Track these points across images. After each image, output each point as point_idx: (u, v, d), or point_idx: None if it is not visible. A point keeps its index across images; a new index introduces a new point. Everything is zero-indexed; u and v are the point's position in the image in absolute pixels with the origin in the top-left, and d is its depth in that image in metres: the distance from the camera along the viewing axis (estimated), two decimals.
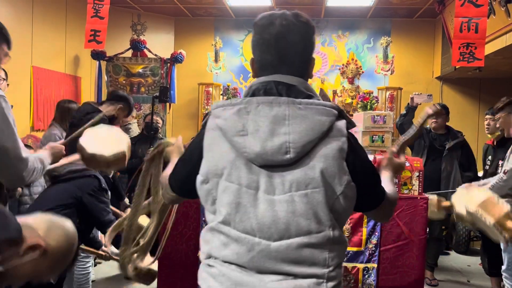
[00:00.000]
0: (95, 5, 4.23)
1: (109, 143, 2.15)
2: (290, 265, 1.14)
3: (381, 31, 6.24)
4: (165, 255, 2.88)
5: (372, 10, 5.90)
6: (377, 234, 2.78)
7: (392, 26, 6.29)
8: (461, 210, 2.17)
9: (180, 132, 6.44)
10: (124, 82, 5.77)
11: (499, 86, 5.81)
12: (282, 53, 1.22)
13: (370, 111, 5.00)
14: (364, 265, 2.80)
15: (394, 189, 1.42)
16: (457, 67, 4.84)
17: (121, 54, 5.76)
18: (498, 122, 3.39)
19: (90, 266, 3.20)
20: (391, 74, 6.10)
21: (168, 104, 5.75)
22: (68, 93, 5.20)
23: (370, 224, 2.79)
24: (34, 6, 4.60)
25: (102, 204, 2.52)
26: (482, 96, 6.06)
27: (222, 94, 6.18)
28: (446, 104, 4.35)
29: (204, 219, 2.65)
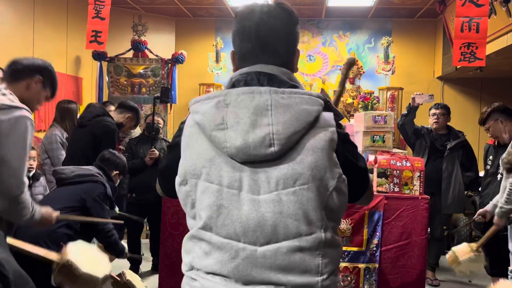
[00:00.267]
0: (96, 5, 4.23)
1: (98, 264, 2.12)
2: (279, 273, 1.03)
3: (382, 31, 6.24)
4: (166, 255, 2.88)
5: (373, 10, 5.90)
6: (378, 234, 2.78)
7: (393, 26, 6.29)
8: None
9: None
10: (125, 82, 5.77)
11: (500, 86, 5.81)
12: (263, 41, 1.14)
13: (371, 111, 4.99)
14: (365, 265, 2.80)
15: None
16: (458, 67, 4.84)
17: (122, 54, 5.76)
18: (489, 132, 3.42)
19: None
20: (392, 74, 6.10)
21: (169, 104, 5.75)
22: (69, 93, 5.21)
23: (371, 224, 2.79)
24: (35, 7, 4.60)
25: (104, 211, 2.53)
26: (483, 96, 6.06)
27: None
28: (447, 104, 4.34)
29: None
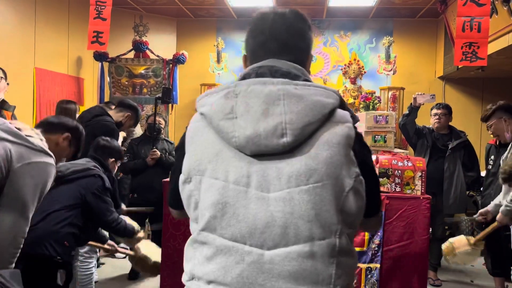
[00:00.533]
0: (98, 6, 4.24)
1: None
2: (288, 281, 0.93)
3: (383, 31, 6.24)
4: (167, 256, 2.88)
5: (374, 10, 5.90)
6: (379, 234, 2.78)
7: (394, 26, 6.28)
8: None
9: (182, 132, 6.41)
10: (126, 83, 5.78)
11: (502, 85, 5.80)
12: (277, 35, 1.11)
13: (372, 111, 4.98)
14: (367, 265, 2.79)
15: None
16: (459, 67, 4.83)
17: (123, 55, 5.77)
18: (490, 130, 3.41)
19: (93, 267, 3.21)
20: (394, 74, 6.09)
21: (170, 105, 5.75)
22: (70, 94, 5.22)
23: None
24: (36, 8, 4.61)
25: (106, 204, 2.53)
26: (485, 95, 6.05)
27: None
28: (449, 104, 4.33)
29: None
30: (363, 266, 2.79)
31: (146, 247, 2.92)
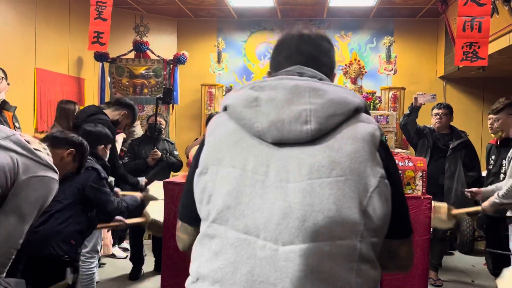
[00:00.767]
0: (98, 7, 4.24)
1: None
2: (303, 284, 0.84)
3: (383, 31, 6.23)
4: (168, 255, 2.88)
5: (374, 10, 5.89)
6: None
7: (394, 26, 6.28)
8: None
9: (183, 133, 6.45)
10: (127, 83, 5.78)
11: (503, 85, 5.79)
12: (303, 51, 1.11)
13: (373, 111, 4.99)
14: None
15: None
16: (460, 67, 4.83)
17: (124, 55, 5.77)
18: (497, 123, 3.40)
19: (95, 267, 3.21)
20: (394, 74, 6.09)
21: (171, 105, 5.75)
22: (71, 94, 5.22)
23: None
24: (37, 8, 4.61)
25: (105, 194, 2.52)
26: (486, 95, 6.04)
27: (225, 95, 6.17)
28: (450, 103, 4.33)
29: None
30: None
31: (154, 209, 2.95)
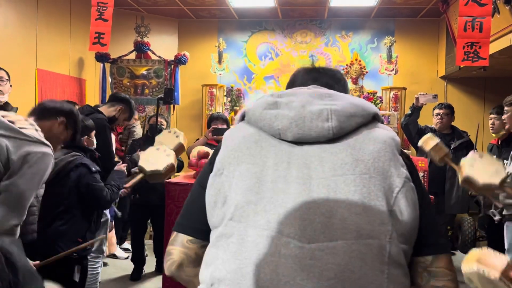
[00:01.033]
0: (99, 7, 4.24)
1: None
2: (332, 285, 0.77)
3: (384, 31, 6.23)
4: None
5: (375, 10, 5.89)
6: None
7: (395, 26, 6.27)
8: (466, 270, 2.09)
9: (184, 133, 6.42)
10: (128, 84, 5.78)
11: (504, 85, 5.78)
12: (317, 79, 1.11)
13: None
14: None
15: None
16: (461, 67, 4.83)
17: (125, 56, 5.77)
18: (505, 115, 3.34)
19: (99, 267, 3.20)
20: (395, 74, 6.08)
21: (172, 105, 5.76)
22: (72, 95, 5.22)
23: None
24: (38, 10, 4.62)
25: (98, 191, 2.50)
26: (487, 95, 6.03)
27: (226, 95, 6.18)
28: (451, 103, 4.33)
29: None
30: None
31: (147, 159, 2.85)
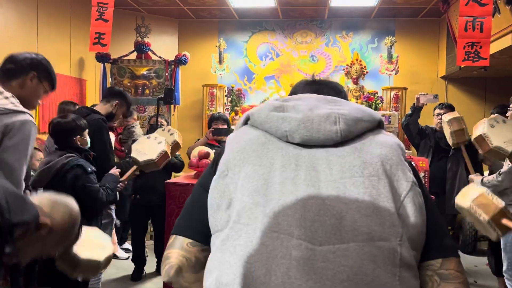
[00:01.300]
0: (99, 8, 4.24)
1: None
2: (346, 287, 0.75)
3: (385, 31, 6.23)
4: None
5: (376, 10, 5.89)
6: None
7: (396, 26, 6.27)
8: (460, 204, 2.15)
9: (184, 133, 6.44)
10: (128, 84, 5.79)
11: (505, 85, 5.78)
12: (320, 91, 1.09)
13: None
14: None
15: None
16: (462, 67, 4.82)
17: (125, 56, 5.78)
18: (509, 112, 3.31)
19: None
20: (396, 74, 6.08)
21: (172, 106, 5.76)
22: (73, 95, 5.23)
23: None
24: (39, 10, 4.62)
25: (93, 192, 2.47)
26: (488, 95, 6.03)
27: (226, 96, 6.18)
28: (452, 103, 4.33)
29: None
30: None
31: (140, 150, 2.89)
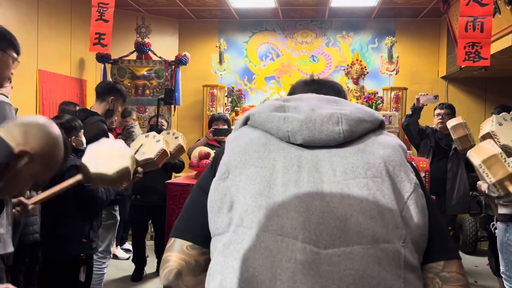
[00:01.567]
0: (100, 8, 4.24)
1: (112, 160, 1.98)
2: None
3: (385, 31, 6.22)
4: None
5: (376, 10, 5.89)
6: None
7: (396, 26, 6.27)
8: (472, 158, 2.19)
9: (185, 134, 6.42)
10: (129, 84, 5.79)
11: (505, 85, 5.77)
12: (319, 91, 1.08)
13: None
14: None
15: None
16: (462, 67, 4.82)
17: (126, 56, 5.78)
18: None
19: (105, 268, 3.20)
20: (396, 74, 6.08)
21: (173, 106, 5.76)
22: (73, 96, 5.23)
23: None
24: (39, 10, 4.62)
25: (92, 191, 2.45)
26: (488, 95, 6.02)
27: (226, 96, 6.18)
28: (452, 103, 4.33)
29: None
30: None
31: (137, 150, 2.72)
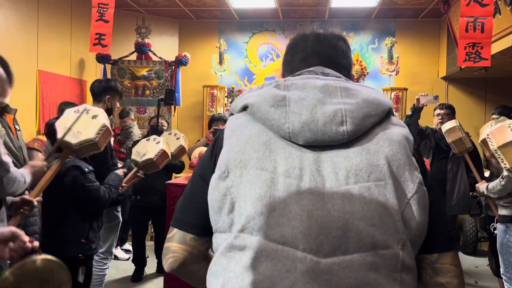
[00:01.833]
0: (100, 8, 4.24)
1: (89, 126, 2.11)
2: None
3: (385, 32, 6.23)
4: None
5: (376, 11, 5.89)
6: None
7: (396, 26, 6.27)
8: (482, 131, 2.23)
9: (185, 134, 6.43)
10: (129, 85, 5.79)
11: (505, 85, 5.77)
12: (319, 53, 1.04)
13: None
14: None
15: None
16: (463, 67, 4.82)
17: (126, 57, 5.78)
18: None
19: (107, 269, 3.20)
20: (396, 75, 6.08)
21: (173, 106, 5.76)
22: (73, 96, 5.23)
23: None
24: (39, 11, 4.62)
25: (93, 191, 2.45)
26: (488, 96, 6.02)
27: (227, 96, 6.18)
28: (452, 104, 4.32)
29: None
30: None
31: (138, 151, 2.84)
